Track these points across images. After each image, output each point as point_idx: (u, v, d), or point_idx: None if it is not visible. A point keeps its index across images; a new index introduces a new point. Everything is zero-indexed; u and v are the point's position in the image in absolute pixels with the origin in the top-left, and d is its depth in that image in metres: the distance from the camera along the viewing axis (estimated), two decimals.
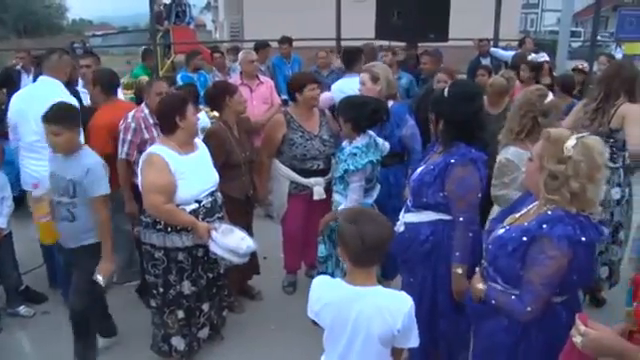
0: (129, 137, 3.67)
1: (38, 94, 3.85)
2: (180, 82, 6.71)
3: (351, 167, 3.22)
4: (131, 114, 3.73)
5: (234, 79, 5.49)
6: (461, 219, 2.59)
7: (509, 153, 3.00)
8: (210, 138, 3.59)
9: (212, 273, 3.36)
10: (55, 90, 3.89)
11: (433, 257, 2.70)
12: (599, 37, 13.97)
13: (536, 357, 2.10)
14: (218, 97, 3.75)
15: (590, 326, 1.68)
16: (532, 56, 6.95)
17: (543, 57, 6.92)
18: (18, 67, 7.04)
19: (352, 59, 5.01)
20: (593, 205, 1.97)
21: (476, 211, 2.65)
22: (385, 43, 7.58)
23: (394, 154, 3.64)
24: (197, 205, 3.13)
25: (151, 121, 3.70)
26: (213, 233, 3.06)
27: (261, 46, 7.28)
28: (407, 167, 3.74)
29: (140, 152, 3.51)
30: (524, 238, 1.98)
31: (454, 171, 2.57)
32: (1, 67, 8.90)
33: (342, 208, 3.29)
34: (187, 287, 3.23)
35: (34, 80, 4.97)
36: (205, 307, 3.37)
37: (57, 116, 3.00)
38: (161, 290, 3.22)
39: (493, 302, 2.10)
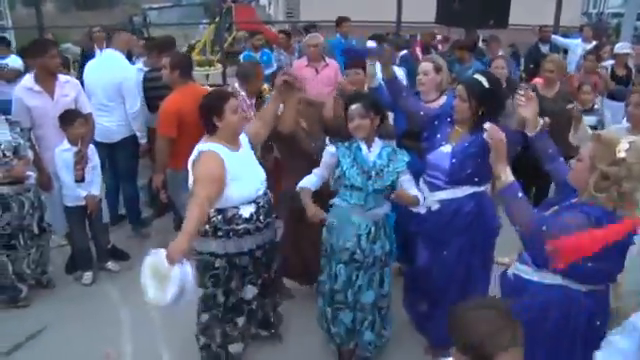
0: None
1: (105, 65, 4.78)
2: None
3: (401, 165, 2.99)
4: None
5: (301, 60, 5.77)
6: None
7: None
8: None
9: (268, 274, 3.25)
10: (118, 61, 4.78)
11: (473, 226, 3.05)
12: None
13: (548, 336, 2.28)
14: None
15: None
16: (617, 46, 6.82)
17: (626, 48, 6.69)
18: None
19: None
20: (636, 206, 2.09)
21: None
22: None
23: None
24: (255, 207, 2.98)
25: (248, 102, 4.25)
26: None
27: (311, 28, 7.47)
28: None
29: None
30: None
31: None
32: (64, 41, 9.65)
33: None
34: (250, 291, 3.16)
35: None
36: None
37: None
38: (222, 300, 3.08)
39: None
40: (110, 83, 4.65)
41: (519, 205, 2.23)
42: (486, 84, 2.94)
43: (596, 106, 4.99)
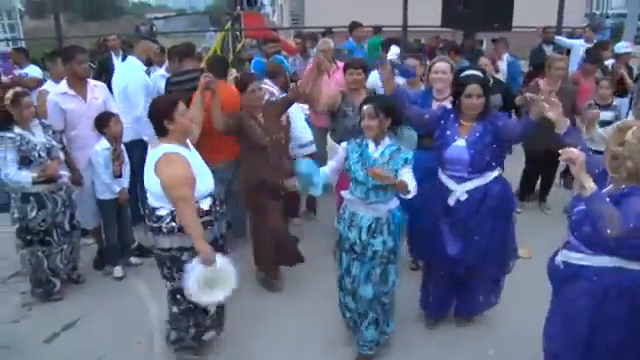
0: None
1: (122, 70, 5.23)
2: (253, 69, 7.35)
3: (398, 163, 3.09)
4: None
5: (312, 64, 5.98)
6: None
7: None
8: None
9: None
10: (132, 67, 5.08)
11: (501, 206, 3.34)
12: None
13: (620, 320, 2.42)
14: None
15: None
16: (617, 45, 6.97)
17: (628, 47, 6.85)
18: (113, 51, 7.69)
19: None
20: None
21: None
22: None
23: None
24: (212, 199, 3.17)
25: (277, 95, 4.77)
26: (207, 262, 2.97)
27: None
28: None
29: None
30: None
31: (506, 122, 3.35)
32: None
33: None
34: None
35: (123, 60, 6.27)
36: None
37: None
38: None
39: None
40: (119, 86, 5.00)
41: (609, 208, 2.22)
42: (483, 77, 3.30)
43: (614, 103, 5.17)
